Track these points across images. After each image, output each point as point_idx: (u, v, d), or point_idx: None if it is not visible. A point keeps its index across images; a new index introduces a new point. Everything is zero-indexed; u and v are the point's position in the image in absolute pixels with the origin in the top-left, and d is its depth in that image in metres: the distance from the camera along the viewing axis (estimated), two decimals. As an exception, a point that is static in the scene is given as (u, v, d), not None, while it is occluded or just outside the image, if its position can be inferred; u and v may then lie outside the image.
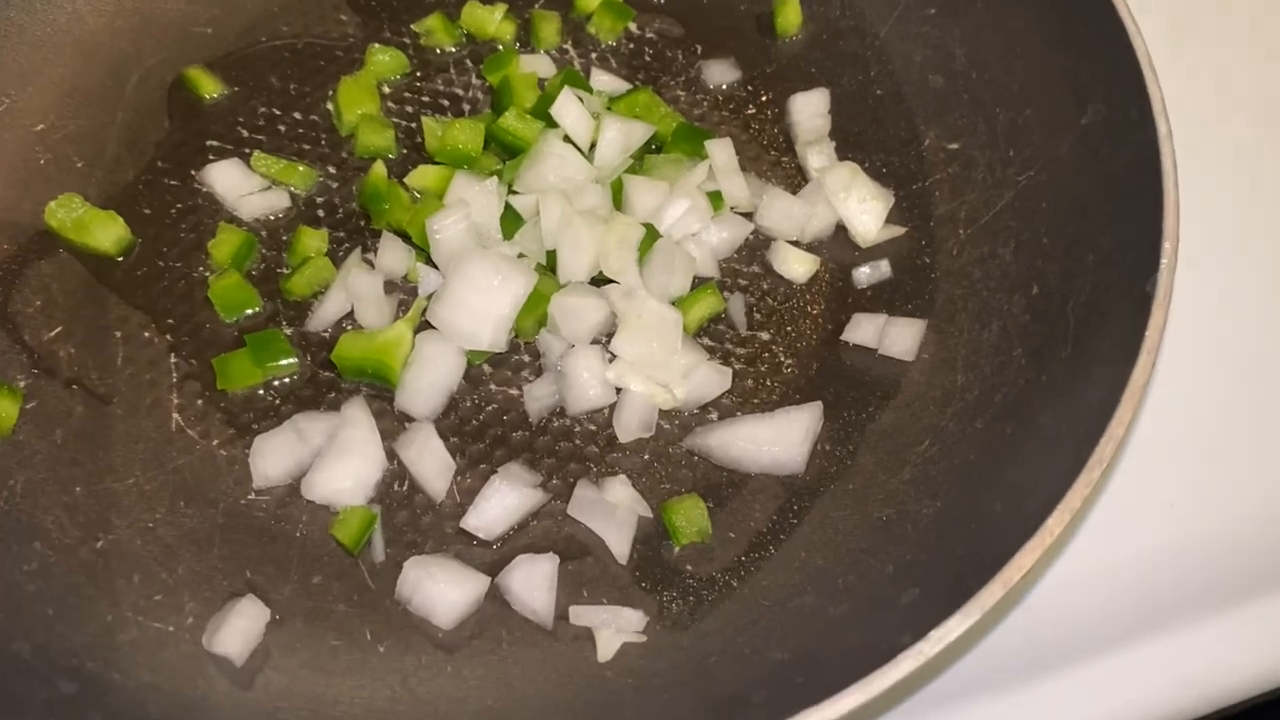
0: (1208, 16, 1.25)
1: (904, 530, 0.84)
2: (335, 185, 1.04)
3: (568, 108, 1.01)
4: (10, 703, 0.69)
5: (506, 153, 1.03)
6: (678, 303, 0.97)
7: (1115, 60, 0.91)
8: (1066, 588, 0.92)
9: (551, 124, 1.02)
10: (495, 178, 0.99)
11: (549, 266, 0.98)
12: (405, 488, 0.91)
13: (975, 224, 1.00)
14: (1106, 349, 0.81)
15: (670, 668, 0.81)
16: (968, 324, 0.95)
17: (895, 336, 0.96)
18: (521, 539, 0.89)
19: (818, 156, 1.06)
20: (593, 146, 1.02)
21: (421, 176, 1.02)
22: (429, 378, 0.93)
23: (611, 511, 0.89)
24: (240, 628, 0.82)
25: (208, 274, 0.99)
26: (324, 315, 0.97)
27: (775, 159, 1.08)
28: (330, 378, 0.95)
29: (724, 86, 1.12)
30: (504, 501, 0.89)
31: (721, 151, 1.04)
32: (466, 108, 1.09)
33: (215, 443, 0.92)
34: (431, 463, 0.90)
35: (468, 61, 1.12)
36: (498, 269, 0.92)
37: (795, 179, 1.07)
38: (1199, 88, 1.17)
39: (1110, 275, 0.86)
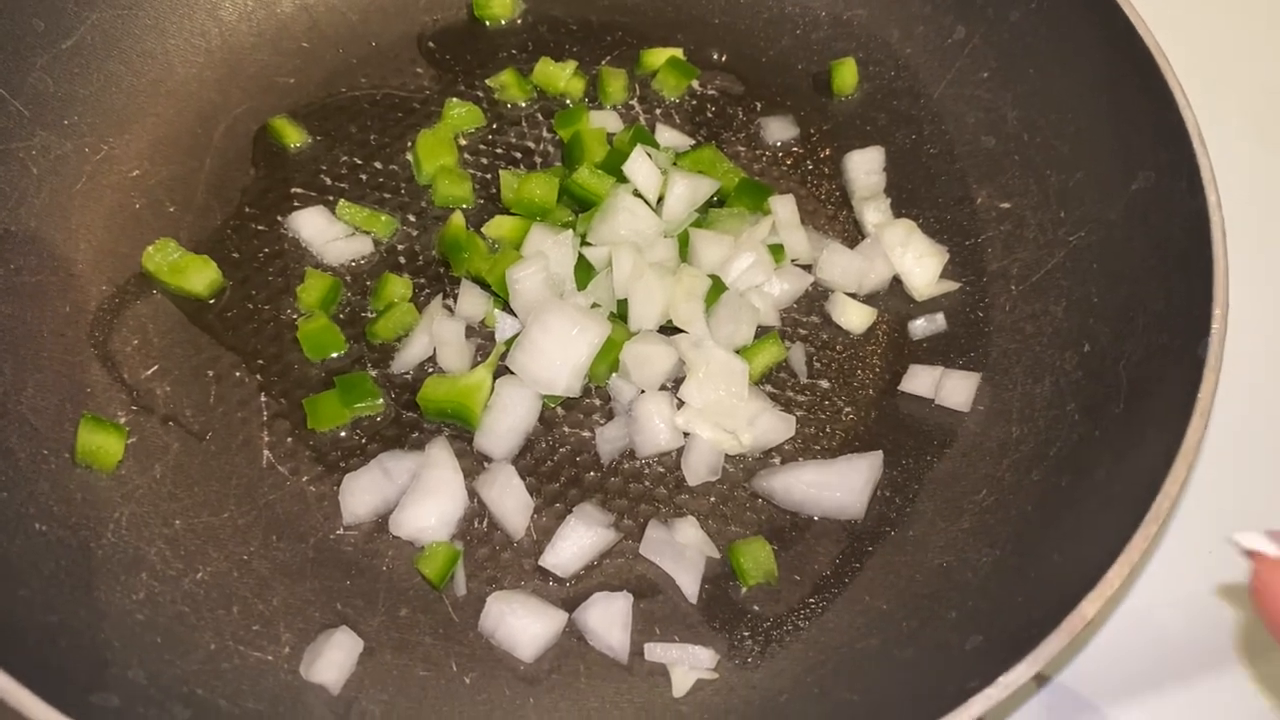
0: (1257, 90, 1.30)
1: (964, 577, 0.89)
2: (415, 233, 1.10)
3: (639, 165, 1.06)
4: (136, 728, 0.74)
5: (578, 205, 1.08)
6: (742, 351, 1.02)
7: (1164, 130, 0.96)
8: (1106, 632, 0.97)
9: (622, 179, 1.07)
10: (571, 231, 1.04)
11: (620, 315, 1.03)
12: (485, 525, 0.95)
13: (1027, 281, 1.05)
14: (1159, 409, 0.86)
15: (744, 705, 0.86)
16: (1021, 378, 1.00)
17: (951, 388, 1.00)
18: (595, 576, 0.94)
19: (874, 212, 1.11)
20: (660, 200, 1.07)
21: (498, 227, 1.07)
22: (508, 420, 0.98)
23: (681, 552, 0.94)
24: (336, 659, 0.86)
25: (295, 316, 1.04)
26: (407, 358, 1.02)
27: (832, 213, 1.13)
28: (413, 418, 1.00)
29: (782, 142, 1.17)
30: (579, 540, 0.94)
31: (784, 207, 1.09)
32: (538, 160, 1.15)
33: (305, 479, 0.97)
34: (512, 502, 0.95)
35: (539, 115, 1.17)
36: (576, 319, 0.97)
37: (851, 232, 1.12)
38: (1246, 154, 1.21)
39: (1161, 338, 0.90)
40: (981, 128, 1.13)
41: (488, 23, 1.23)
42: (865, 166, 1.14)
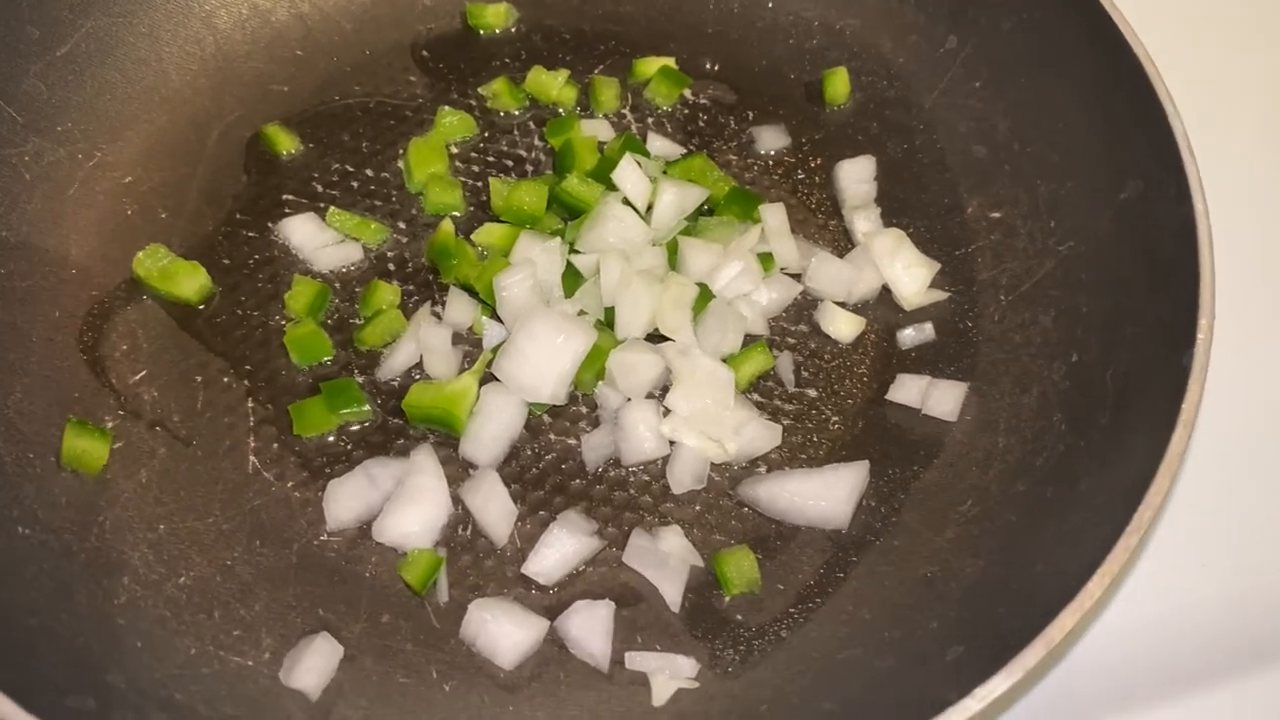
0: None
1: (947, 588, 0.88)
2: (405, 240, 1.10)
3: (628, 173, 1.06)
4: (110, 732, 0.74)
5: (568, 213, 1.08)
6: (729, 360, 1.02)
7: (1153, 139, 0.96)
8: (1098, 644, 0.96)
9: (612, 187, 1.07)
10: (559, 238, 1.04)
11: (607, 322, 1.03)
12: (469, 532, 0.95)
13: (1016, 291, 1.04)
14: (1144, 419, 0.85)
15: (723, 714, 0.85)
16: (1009, 388, 1.00)
17: (938, 398, 1.00)
18: (578, 584, 0.93)
19: (864, 221, 1.11)
20: (650, 208, 1.07)
21: (487, 234, 1.07)
22: (493, 428, 0.98)
23: (665, 560, 0.93)
24: (315, 665, 0.86)
25: (284, 322, 1.04)
26: (394, 365, 1.02)
27: (822, 222, 1.13)
28: (399, 424, 1.00)
29: (774, 152, 1.17)
30: (563, 548, 0.93)
31: (774, 216, 1.08)
32: (530, 168, 1.15)
33: (290, 485, 0.97)
34: (495, 509, 0.95)
35: (531, 124, 1.17)
36: (561, 327, 0.97)
37: (841, 242, 1.11)
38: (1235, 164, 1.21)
39: (1148, 347, 0.90)
40: (973, 137, 1.13)
41: (481, 31, 1.23)
42: (856, 176, 1.14)
